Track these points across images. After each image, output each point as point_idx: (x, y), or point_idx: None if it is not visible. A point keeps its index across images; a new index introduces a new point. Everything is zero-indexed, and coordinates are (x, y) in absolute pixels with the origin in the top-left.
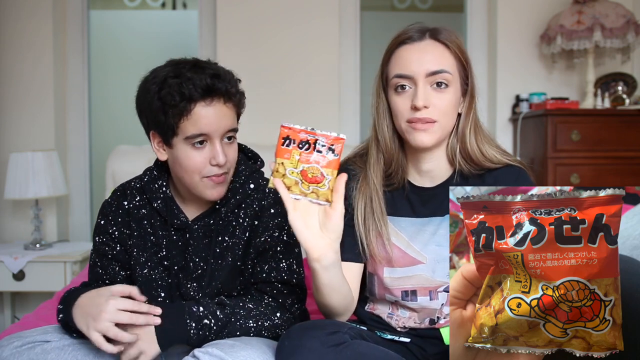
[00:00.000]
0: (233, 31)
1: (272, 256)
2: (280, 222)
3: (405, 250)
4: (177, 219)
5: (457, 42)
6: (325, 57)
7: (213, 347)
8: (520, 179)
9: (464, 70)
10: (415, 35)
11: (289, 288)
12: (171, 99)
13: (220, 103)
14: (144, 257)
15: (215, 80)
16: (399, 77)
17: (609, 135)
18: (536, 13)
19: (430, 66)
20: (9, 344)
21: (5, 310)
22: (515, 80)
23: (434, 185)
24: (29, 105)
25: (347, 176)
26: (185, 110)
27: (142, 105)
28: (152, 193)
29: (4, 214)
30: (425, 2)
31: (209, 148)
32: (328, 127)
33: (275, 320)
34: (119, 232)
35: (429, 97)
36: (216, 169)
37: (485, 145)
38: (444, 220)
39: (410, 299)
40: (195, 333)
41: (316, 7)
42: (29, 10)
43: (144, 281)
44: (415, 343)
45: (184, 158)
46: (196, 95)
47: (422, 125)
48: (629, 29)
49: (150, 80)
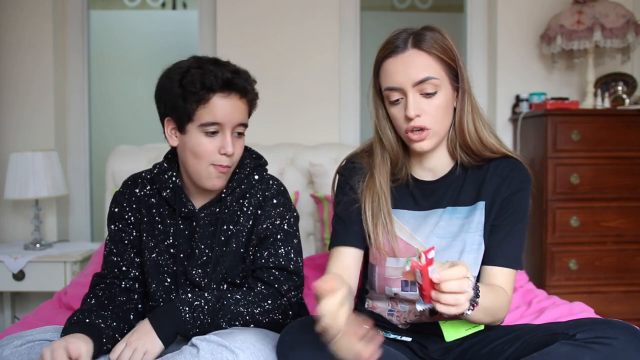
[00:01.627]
0: (233, 31)
1: (272, 243)
2: (281, 211)
3: (408, 241)
4: (185, 207)
5: (441, 43)
6: (325, 56)
7: (210, 334)
8: (515, 170)
9: (452, 69)
10: (399, 46)
11: (286, 275)
12: (192, 86)
13: (236, 97)
14: (152, 243)
15: (234, 76)
16: (389, 90)
17: (609, 135)
18: (536, 13)
19: (415, 76)
20: (9, 343)
21: (5, 310)
22: (515, 80)
23: (435, 178)
24: (29, 105)
25: (355, 172)
26: (203, 98)
27: (162, 91)
28: (161, 183)
29: (4, 214)
30: (425, 2)
31: (219, 138)
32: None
33: (266, 306)
34: (134, 218)
35: (419, 106)
36: (224, 159)
37: (485, 134)
38: (444, 212)
39: (410, 289)
40: (190, 316)
41: (316, 7)
42: (29, 10)
43: (151, 265)
44: (417, 341)
45: (196, 144)
46: (216, 86)
47: (418, 136)
48: (629, 29)
49: (173, 70)
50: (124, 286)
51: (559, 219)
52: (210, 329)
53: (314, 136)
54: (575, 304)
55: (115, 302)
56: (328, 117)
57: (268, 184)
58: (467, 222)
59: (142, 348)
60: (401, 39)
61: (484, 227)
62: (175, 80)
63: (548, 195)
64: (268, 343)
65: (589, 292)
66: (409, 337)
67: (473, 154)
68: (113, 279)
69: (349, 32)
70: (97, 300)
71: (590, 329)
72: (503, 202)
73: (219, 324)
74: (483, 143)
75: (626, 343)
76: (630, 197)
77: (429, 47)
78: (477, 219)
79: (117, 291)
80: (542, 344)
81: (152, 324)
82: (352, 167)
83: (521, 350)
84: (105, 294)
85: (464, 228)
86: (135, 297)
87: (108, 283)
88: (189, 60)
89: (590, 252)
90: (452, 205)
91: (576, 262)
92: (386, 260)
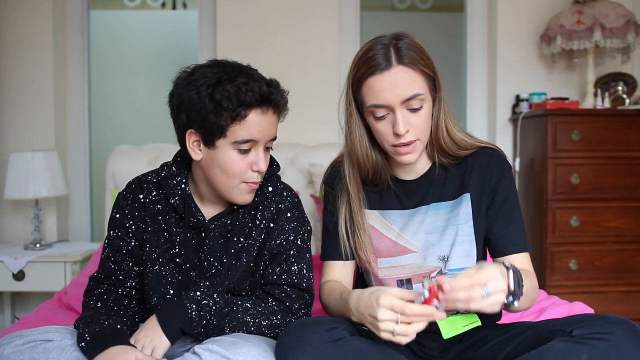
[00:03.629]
0: (233, 31)
1: (285, 259)
2: (295, 226)
3: (396, 240)
4: (194, 217)
5: (420, 54)
6: (325, 57)
7: (213, 344)
8: (494, 157)
9: (432, 80)
10: (382, 63)
11: (298, 292)
12: (228, 102)
13: (271, 112)
14: (155, 254)
15: (271, 90)
16: (375, 107)
17: (609, 135)
18: (536, 13)
19: (403, 94)
20: (10, 342)
21: (5, 310)
22: (515, 80)
23: (416, 177)
24: (29, 105)
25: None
26: (239, 115)
27: (184, 103)
28: (169, 189)
29: (4, 214)
30: (425, 2)
31: (252, 154)
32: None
33: (274, 320)
34: (135, 227)
35: (408, 121)
36: (255, 175)
37: (457, 135)
38: (429, 208)
39: (406, 287)
40: (197, 315)
41: (316, 7)
42: (29, 10)
43: (153, 277)
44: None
45: (227, 161)
46: (253, 103)
47: (407, 149)
48: (629, 29)
49: (198, 80)
50: (121, 293)
51: (559, 219)
52: (213, 331)
53: (314, 136)
54: (575, 304)
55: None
56: (328, 117)
57: (282, 196)
58: (453, 216)
59: (150, 345)
60: (382, 55)
61: (473, 218)
62: (204, 92)
63: (548, 195)
64: (271, 355)
65: (589, 292)
66: None
67: (448, 155)
68: (110, 286)
69: (349, 32)
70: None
71: (587, 325)
72: (491, 192)
73: (223, 328)
74: (456, 143)
75: (623, 338)
76: (630, 197)
77: (413, 62)
78: (463, 210)
79: (116, 297)
80: (540, 341)
81: (158, 319)
82: (335, 174)
83: (520, 348)
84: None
85: (451, 221)
86: (133, 304)
87: (105, 290)
88: (212, 68)
89: (590, 252)
90: (436, 202)
91: (576, 262)
92: (377, 262)
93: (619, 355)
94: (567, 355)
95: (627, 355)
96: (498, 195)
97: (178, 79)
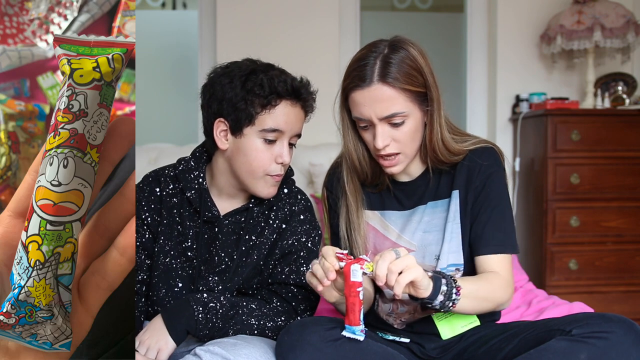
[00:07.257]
0: (233, 31)
1: (295, 260)
2: (307, 228)
3: (396, 241)
4: (210, 212)
5: (408, 70)
6: (325, 56)
7: (215, 346)
8: (484, 156)
9: (421, 94)
10: (365, 77)
11: (304, 293)
12: (260, 89)
13: (299, 107)
14: (168, 246)
15: (302, 85)
16: (357, 119)
17: (609, 135)
18: (536, 13)
19: (381, 113)
20: None
21: None
22: (515, 80)
23: (412, 179)
24: None
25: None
26: (270, 103)
27: (216, 91)
28: (186, 182)
29: None
30: (425, 2)
31: (277, 146)
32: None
33: (278, 322)
34: (151, 219)
35: (388, 136)
36: (279, 168)
37: (452, 145)
38: (426, 207)
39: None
40: (203, 317)
41: (316, 7)
42: None
43: (163, 270)
44: (415, 341)
45: (253, 150)
46: (285, 93)
47: (389, 162)
48: (629, 29)
49: (233, 70)
50: None
51: (559, 219)
52: (218, 333)
53: (314, 136)
54: (575, 304)
55: None
56: (328, 117)
57: (296, 199)
58: (447, 214)
59: (155, 346)
60: (368, 67)
61: (460, 215)
62: (237, 81)
63: (548, 195)
64: (272, 356)
65: (589, 292)
66: (407, 339)
67: (444, 163)
68: None
69: (349, 32)
70: None
71: (586, 324)
72: (476, 191)
73: (227, 330)
74: (450, 151)
75: (622, 336)
76: (630, 197)
77: (394, 80)
78: (453, 208)
79: None
80: (539, 340)
81: (164, 320)
82: (336, 178)
83: (519, 348)
84: None
85: (445, 219)
86: (141, 303)
87: None
88: (245, 62)
89: (590, 252)
90: (433, 200)
91: (576, 262)
92: None
93: (619, 354)
94: (567, 354)
95: (627, 354)
96: (482, 194)
97: (213, 73)
